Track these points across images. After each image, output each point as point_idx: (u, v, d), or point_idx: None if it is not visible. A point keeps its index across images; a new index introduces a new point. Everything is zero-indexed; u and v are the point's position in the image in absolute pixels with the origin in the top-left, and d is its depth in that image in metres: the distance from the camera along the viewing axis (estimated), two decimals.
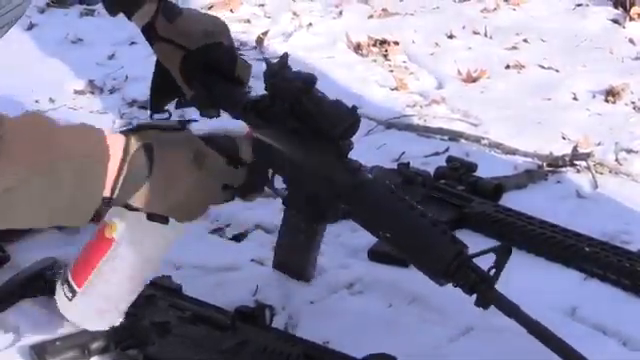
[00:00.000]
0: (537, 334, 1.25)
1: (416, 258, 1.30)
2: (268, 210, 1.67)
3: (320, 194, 1.34)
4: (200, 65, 1.41)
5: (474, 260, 1.26)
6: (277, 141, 1.35)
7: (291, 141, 1.34)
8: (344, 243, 1.62)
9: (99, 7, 2.76)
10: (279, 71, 1.34)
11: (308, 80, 1.32)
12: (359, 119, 1.33)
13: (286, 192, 1.41)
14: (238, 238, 1.63)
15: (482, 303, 1.26)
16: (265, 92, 1.37)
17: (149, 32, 1.42)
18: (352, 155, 1.80)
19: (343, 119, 1.31)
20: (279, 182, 1.41)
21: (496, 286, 1.26)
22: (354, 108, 1.32)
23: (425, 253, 1.28)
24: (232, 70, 1.41)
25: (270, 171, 1.39)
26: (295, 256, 1.47)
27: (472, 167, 1.75)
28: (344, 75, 2.35)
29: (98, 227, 1.26)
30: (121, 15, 1.48)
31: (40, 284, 1.46)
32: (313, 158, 1.34)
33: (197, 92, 1.42)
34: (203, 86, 1.42)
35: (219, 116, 1.46)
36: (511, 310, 1.26)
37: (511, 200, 1.71)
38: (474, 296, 1.26)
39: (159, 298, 1.39)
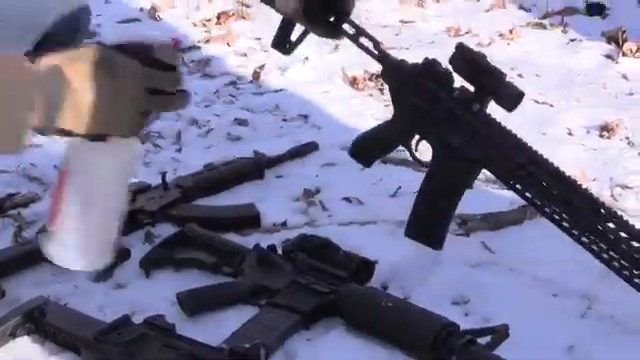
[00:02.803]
0: None
1: (401, 339, 1.40)
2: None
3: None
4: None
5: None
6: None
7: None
8: None
9: None
10: None
11: None
12: None
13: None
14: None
15: None
16: None
17: None
18: (347, 193, 1.81)
19: None
20: None
21: None
22: None
23: (411, 331, 1.38)
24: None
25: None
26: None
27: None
28: (340, 109, 2.35)
29: None
30: None
31: (29, 325, 1.46)
32: None
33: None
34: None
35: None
36: None
37: (507, 236, 1.71)
38: None
39: (152, 337, 1.38)
